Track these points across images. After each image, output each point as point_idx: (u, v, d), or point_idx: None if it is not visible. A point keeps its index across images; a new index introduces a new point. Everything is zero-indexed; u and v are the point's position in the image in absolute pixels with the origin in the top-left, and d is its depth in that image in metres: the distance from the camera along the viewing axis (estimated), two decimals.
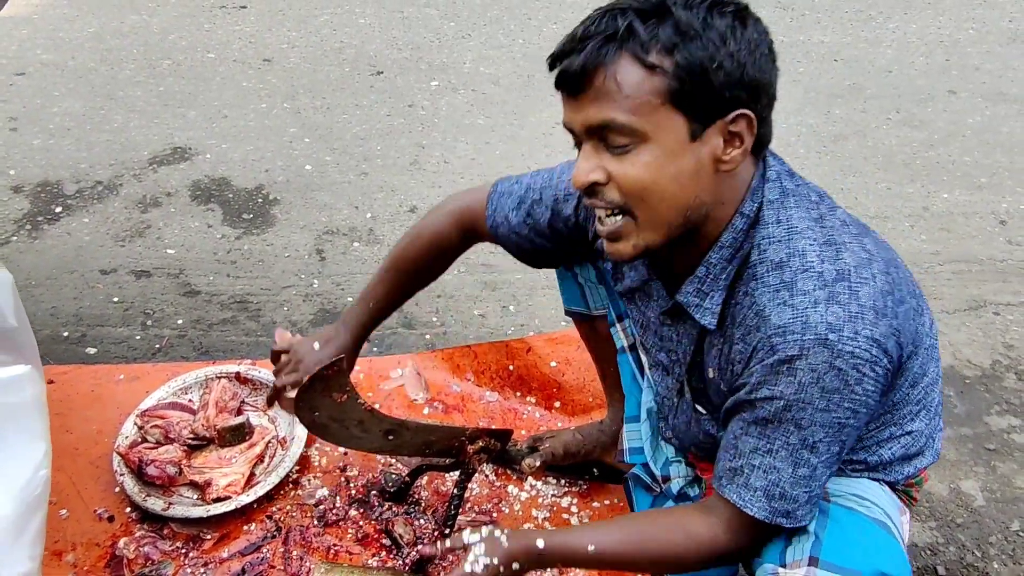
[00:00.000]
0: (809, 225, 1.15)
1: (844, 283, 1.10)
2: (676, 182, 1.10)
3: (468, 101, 3.67)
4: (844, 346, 1.07)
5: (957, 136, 3.60)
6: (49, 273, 2.59)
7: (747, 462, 1.18)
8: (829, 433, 1.13)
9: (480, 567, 1.25)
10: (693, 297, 1.22)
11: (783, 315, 1.10)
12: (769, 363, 1.12)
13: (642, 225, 1.14)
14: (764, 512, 1.18)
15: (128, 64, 3.83)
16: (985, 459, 2.12)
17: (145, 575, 1.78)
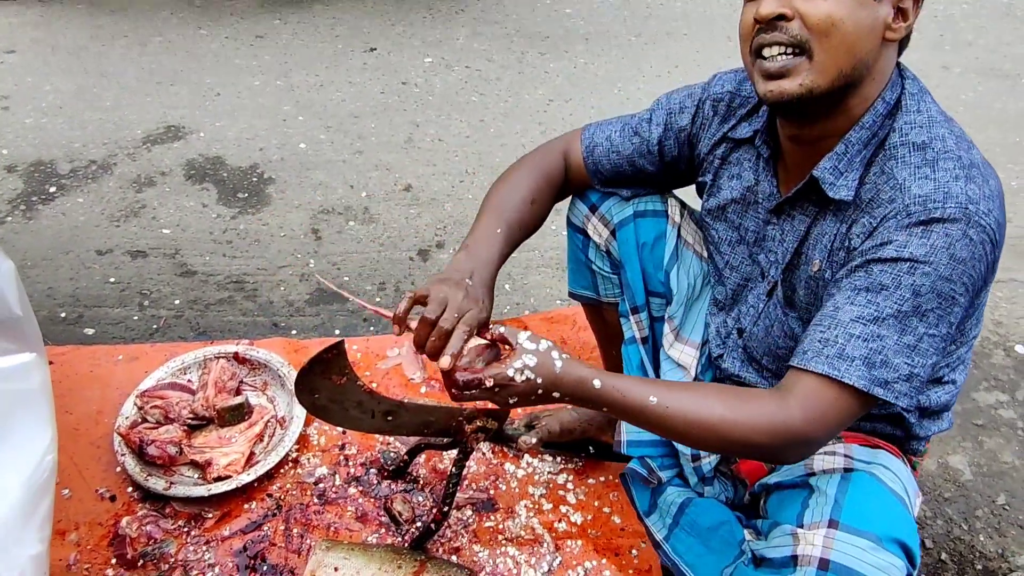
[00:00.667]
0: (946, 119, 1.22)
1: (978, 170, 1.16)
2: (858, 28, 1.17)
3: (462, 78, 3.66)
4: (980, 219, 1.12)
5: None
6: (45, 254, 2.60)
7: (845, 331, 1.15)
8: (942, 305, 1.13)
9: (522, 377, 1.17)
10: (829, 174, 1.26)
11: (925, 186, 1.14)
12: (904, 224, 1.14)
13: (815, 65, 1.18)
14: (863, 380, 1.13)
15: (119, 41, 3.80)
16: (973, 434, 2.16)
17: (148, 553, 1.81)
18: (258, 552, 1.82)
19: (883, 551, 1.16)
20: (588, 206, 1.65)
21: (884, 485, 1.26)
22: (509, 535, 1.87)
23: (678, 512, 1.55)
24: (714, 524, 1.47)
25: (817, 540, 1.18)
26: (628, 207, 1.60)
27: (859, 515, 1.20)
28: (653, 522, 1.61)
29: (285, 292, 2.51)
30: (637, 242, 1.61)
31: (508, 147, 3.21)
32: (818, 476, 1.29)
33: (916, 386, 1.15)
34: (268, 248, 2.67)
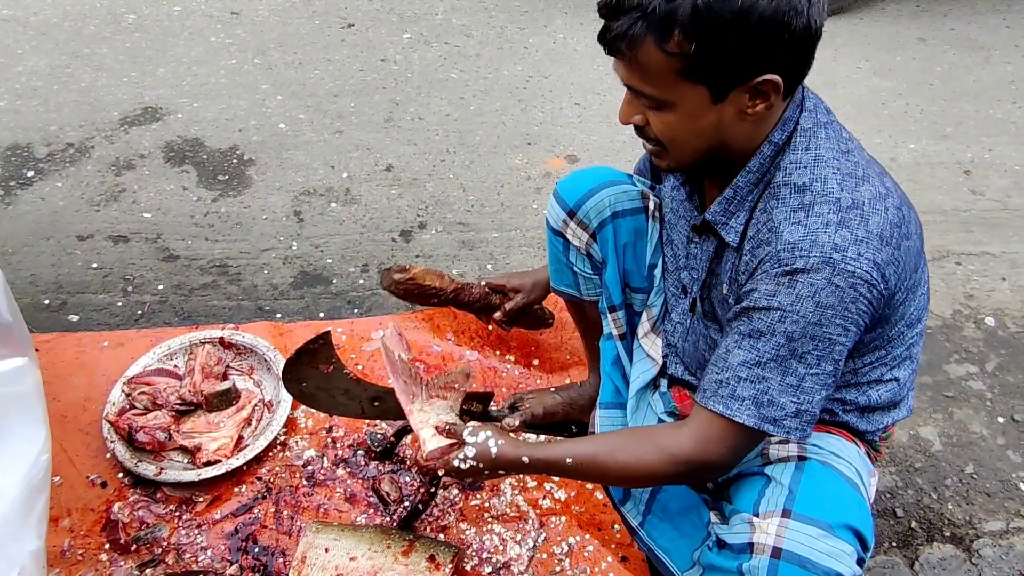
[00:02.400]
0: (836, 156, 1.22)
1: (857, 211, 1.17)
2: (696, 135, 1.23)
3: (441, 55, 3.65)
4: (847, 265, 1.15)
5: (925, 85, 3.65)
6: (25, 240, 2.59)
7: (734, 373, 1.22)
8: (818, 347, 1.18)
9: (466, 465, 1.41)
10: (720, 216, 1.31)
11: (795, 233, 1.18)
12: (772, 274, 1.19)
13: (673, 156, 1.29)
14: (753, 419, 1.21)
15: (92, 19, 3.74)
16: (943, 406, 2.23)
17: (140, 538, 1.84)
18: (249, 534, 1.86)
19: (834, 538, 1.22)
20: (566, 211, 1.67)
21: (837, 472, 1.32)
22: (495, 513, 1.92)
23: (650, 499, 1.61)
24: (683, 509, 1.54)
25: (771, 529, 1.25)
26: (606, 208, 1.62)
27: (811, 504, 1.26)
28: (628, 510, 1.67)
29: (269, 275, 2.52)
30: (617, 243, 1.64)
31: (488, 124, 3.22)
32: (774, 465, 1.36)
33: (807, 420, 1.23)
34: (250, 231, 2.67)
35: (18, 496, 1.11)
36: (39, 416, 1.20)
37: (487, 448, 1.40)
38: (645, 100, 1.21)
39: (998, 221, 2.88)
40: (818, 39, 1.18)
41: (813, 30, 1.14)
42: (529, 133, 3.16)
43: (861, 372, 1.37)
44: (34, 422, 1.18)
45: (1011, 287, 2.60)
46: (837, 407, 1.40)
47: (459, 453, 1.41)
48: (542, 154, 3.04)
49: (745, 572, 1.24)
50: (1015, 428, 2.17)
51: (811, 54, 1.19)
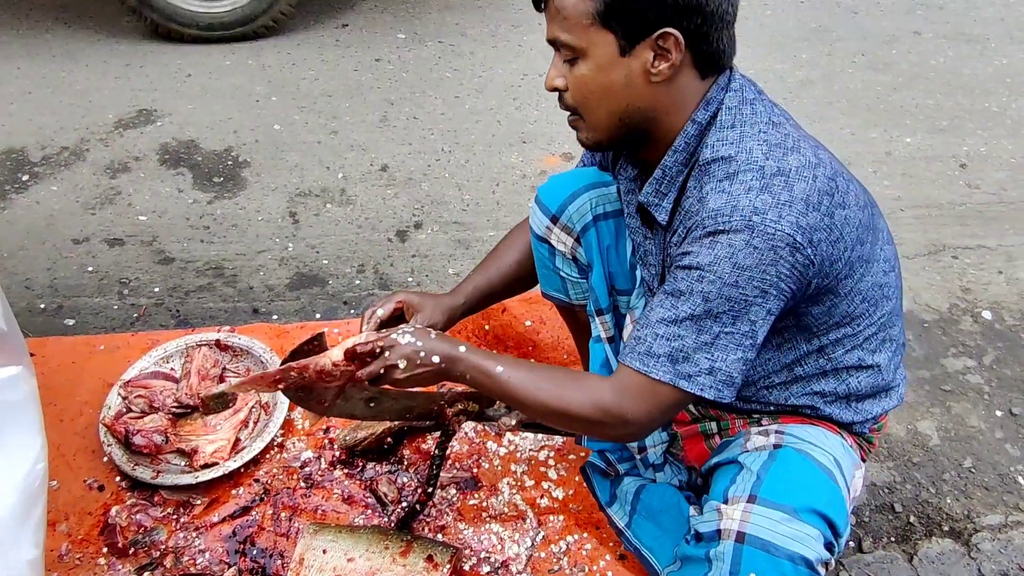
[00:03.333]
0: (762, 129, 1.25)
1: (781, 177, 1.20)
2: (607, 92, 1.27)
3: (435, 53, 3.64)
4: (766, 227, 1.17)
5: (920, 78, 3.64)
6: (21, 244, 2.58)
7: (652, 330, 1.25)
8: (734, 307, 1.20)
9: (404, 340, 1.36)
10: (653, 197, 1.34)
11: (718, 200, 1.21)
12: (697, 236, 1.22)
13: (588, 124, 1.32)
14: (668, 375, 1.23)
15: (85, 21, 3.74)
16: (941, 400, 2.23)
17: (138, 541, 1.84)
18: (247, 536, 1.86)
19: (798, 521, 1.23)
20: (549, 217, 1.67)
21: (810, 459, 1.33)
22: (493, 512, 1.92)
23: (634, 499, 1.62)
24: (665, 507, 1.55)
25: (736, 514, 1.26)
26: (588, 212, 1.63)
27: (777, 489, 1.27)
28: (615, 511, 1.68)
29: (264, 277, 2.52)
30: (600, 246, 1.64)
31: (483, 123, 3.21)
32: (748, 453, 1.36)
33: (722, 380, 1.23)
34: (246, 233, 2.67)
35: (14, 505, 1.11)
36: (35, 424, 1.20)
37: (426, 332, 1.38)
38: (564, 52, 1.26)
39: (994, 214, 2.88)
40: (726, 16, 1.23)
41: (714, 7, 1.21)
42: (524, 131, 3.16)
43: (834, 357, 1.37)
44: (30, 430, 1.18)
45: (1007, 280, 2.60)
46: (818, 400, 1.41)
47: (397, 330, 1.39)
48: (537, 152, 3.04)
49: (712, 558, 1.26)
50: (1013, 422, 2.17)
51: (719, 28, 1.24)
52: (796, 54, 3.77)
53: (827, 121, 3.34)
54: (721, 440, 1.50)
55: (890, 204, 2.90)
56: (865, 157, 3.15)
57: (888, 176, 3.05)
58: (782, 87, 3.54)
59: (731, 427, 1.49)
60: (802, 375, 1.39)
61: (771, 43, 3.85)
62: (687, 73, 1.26)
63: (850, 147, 3.19)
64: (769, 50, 3.79)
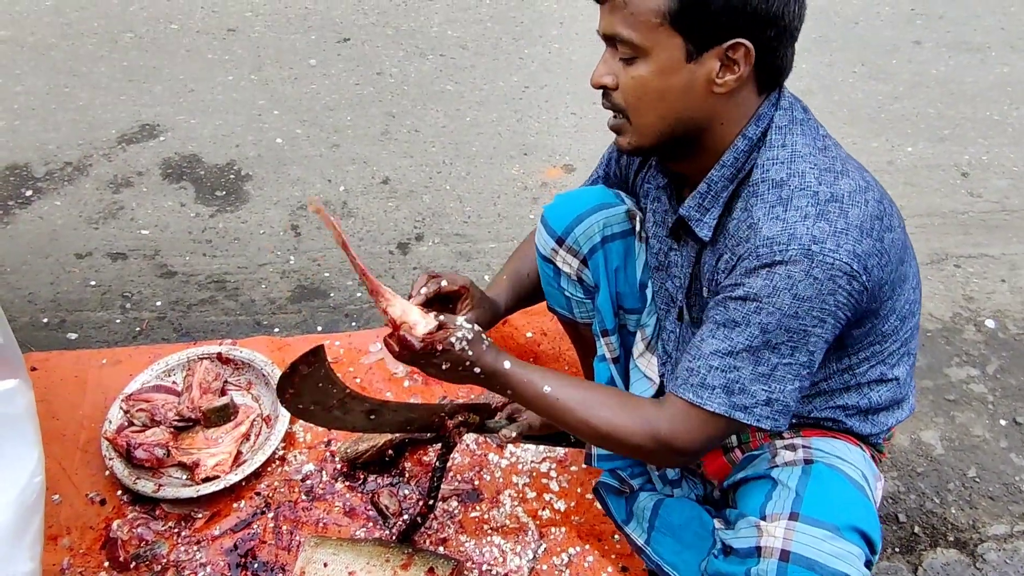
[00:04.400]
0: (812, 152, 1.22)
1: (836, 204, 1.17)
2: (663, 98, 1.22)
3: (436, 67, 3.66)
4: (825, 257, 1.14)
5: (921, 87, 3.65)
6: (24, 259, 2.59)
7: (706, 363, 1.22)
8: (793, 338, 1.18)
9: (460, 345, 1.31)
10: (695, 211, 1.31)
11: (773, 227, 1.18)
12: (751, 267, 1.19)
13: (635, 128, 1.27)
14: (723, 407, 1.21)
15: (89, 38, 3.76)
16: (945, 409, 2.22)
17: (140, 555, 1.84)
18: (249, 550, 1.86)
19: (842, 540, 1.21)
20: (555, 239, 1.66)
21: (844, 475, 1.31)
22: (494, 524, 1.91)
23: (652, 515, 1.60)
24: (685, 520, 1.53)
25: (778, 532, 1.23)
26: (595, 234, 1.61)
27: (818, 506, 1.25)
28: (632, 529, 1.66)
29: (266, 290, 2.52)
30: (608, 268, 1.63)
31: (484, 136, 3.22)
32: (780, 468, 1.34)
33: (779, 410, 1.22)
34: (248, 246, 2.67)
35: (11, 518, 1.11)
36: (31, 438, 1.20)
37: (480, 339, 1.33)
38: (622, 49, 1.21)
39: (997, 223, 2.87)
40: (795, 30, 1.22)
41: (792, 15, 1.19)
42: (525, 143, 3.17)
43: (859, 372, 1.36)
44: (26, 444, 1.18)
45: (1011, 289, 2.59)
46: (840, 414, 1.40)
47: (456, 332, 1.31)
48: (539, 164, 3.05)
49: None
50: (1018, 431, 2.16)
51: (787, 41, 1.22)
52: (796, 64, 3.75)
53: (829, 131, 3.34)
54: (743, 454, 1.48)
55: None
56: (867, 166, 3.11)
57: (890, 186, 3.04)
58: None
59: (752, 440, 1.48)
60: (826, 390, 1.38)
61: None
62: (748, 87, 1.23)
63: None
64: None
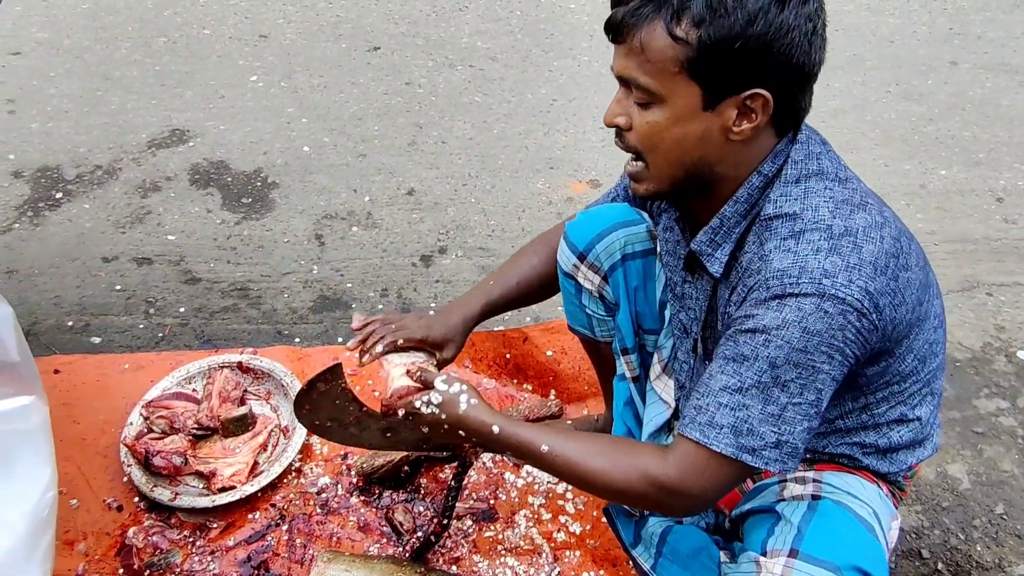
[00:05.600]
0: (828, 185, 1.20)
1: (850, 238, 1.15)
2: (679, 144, 1.20)
3: (465, 78, 3.66)
4: (837, 291, 1.12)
5: (957, 109, 3.58)
6: (51, 261, 2.62)
7: (715, 399, 1.19)
8: (802, 375, 1.15)
9: (427, 410, 1.33)
10: (706, 247, 1.29)
11: (784, 260, 1.16)
12: (761, 298, 1.16)
13: (652, 173, 1.25)
14: (731, 448, 1.18)
15: (123, 42, 3.81)
16: (972, 442, 2.16)
17: (154, 564, 1.84)
18: (262, 562, 1.85)
19: None
20: (576, 255, 1.65)
21: (851, 513, 1.28)
22: (508, 545, 1.89)
23: (660, 541, 1.58)
24: (693, 550, 1.51)
25: (777, 569, 1.21)
26: (616, 252, 1.60)
27: (819, 544, 1.22)
28: (639, 553, 1.64)
29: (289, 299, 2.53)
30: (628, 286, 1.61)
31: (511, 148, 3.22)
32: (786, 503, 1.32)
33: (788, 452, 1.19)
34: (272, 254, 2.69)
35: (23, 532, 1.12)
36: (45, 453, 1.21)
37: (456, 401, 1.32)
38: (637, 94, 1.19)
39: None
40: (814, 75, 1.19)
41: (812, 62, 1.16)
42: (552, 157, 3.15)
43: (877, 412, 1.33)
44: (40, 460, 1.19)
45: None
46: (857, 451, 1.37)
47: (424, 396, 1.33)
48: (564, 179, 3.03)
49: None
50: None
51: (806, 87, 1.19)
52: (828, 83, 3.73)
53: (860, 152, 3.29)
54: (753, 484, 1.46)
55: (923, 238, 2.84)
56: (898, 189, 3.09)
57: (922, 209, 3.00)
58: (813, 117, 3.44)
59: (764, 471, 1.45)
60: (842, 428, 1.35)
61: None
62: (766, 131, 1.21)
63: (883, 179, 3.14)
64: None
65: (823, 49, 1.18)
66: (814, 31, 1.14)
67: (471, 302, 1.63)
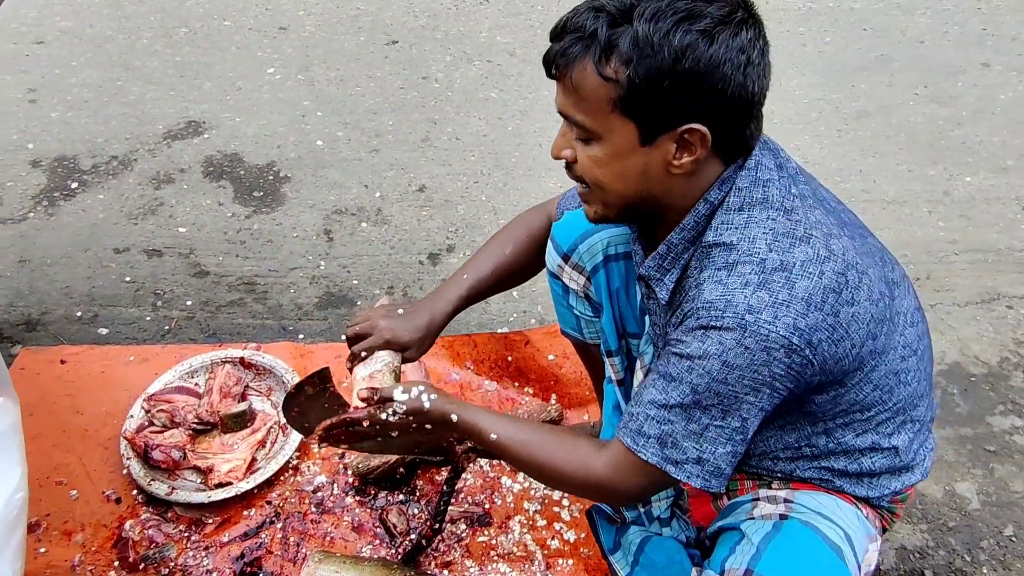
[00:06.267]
0: (771, 215, 1.18)
1: (783, 273, 1.14)
2: (621, 178, 1.20)
3: (482, 73, 3.63)
4: (760, 328, 1.12)
5: (986, 113, 3.49)
6: (64, 251, 2.65)
7: (644, 410, 1.23)
8: (723, 402, 1.17)
9: (395, 418, 1.37)
10: (655, 271, 1.30)
11: (714, 291, 1.16)
12: (691, 327, 1.18)
13: (599, 198, 1.26)
14: (656, 457, 1.22)
15: (145, 32, 3.84)
16: (984, 461, 2.11)
17: (149, 557, 1.85)
18: (255, 559, 1.86)
19: None
20: (561, 255, 1.63)
21: (817, 534, 1.26)
22: (501, 551, 1.88)
23: (638, 550, 1.58)
24: (668, 562, 1.51)
25: None
26: (599, 252, 1.58)
27: (777, 564, 1.22)
28: (617, 559, 1.64)
29: (295, 295, 2.53)
30: (610, 288, 1.59)
31: (525, 147, 3.19)
32: (752, 521, 1.31)
33: (710, 471, 1.21)
34: (280, 249, 2.69)
35: None
36: (15, 455, 1.22)
37: (419, 402, 1.37)
38: (576, 130, 1.20)
39: None
40: (756, 104, 1.17)
41: (750, 91, 1.14)
42: None
43: (843, 440, 1.31)
44: (10, 460, 1.20)
45: None
46: (828, 475, 1.34)
47: (388, 410, 1.38)
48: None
49: None
50: None
51: (748, 116, 1.17)
52: (854, 84, 3.65)
53: (883, 156, 3.22)
54: (728, 500, 1.44)
55: (943, 247, 2.77)
56: (921, 196, 3.02)
57: (944, 217, 2.92)
58: (837, 118, 3.43)
59: (740, 488, 1.43)
60: (809, 454, 1.33)
61: (828, 71, 3.73)
62: (710, 161, 1.20)
63: (906, 184, 3.07)
64: (825, 79, 3.68)
65: (764, 77, 1.16)
66: (748, 62, 1.12)
67: (442, 299, 1.61)
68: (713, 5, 1.11)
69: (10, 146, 3.09)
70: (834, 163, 3.17)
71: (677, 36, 1.09)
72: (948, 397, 2.26)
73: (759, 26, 1.16)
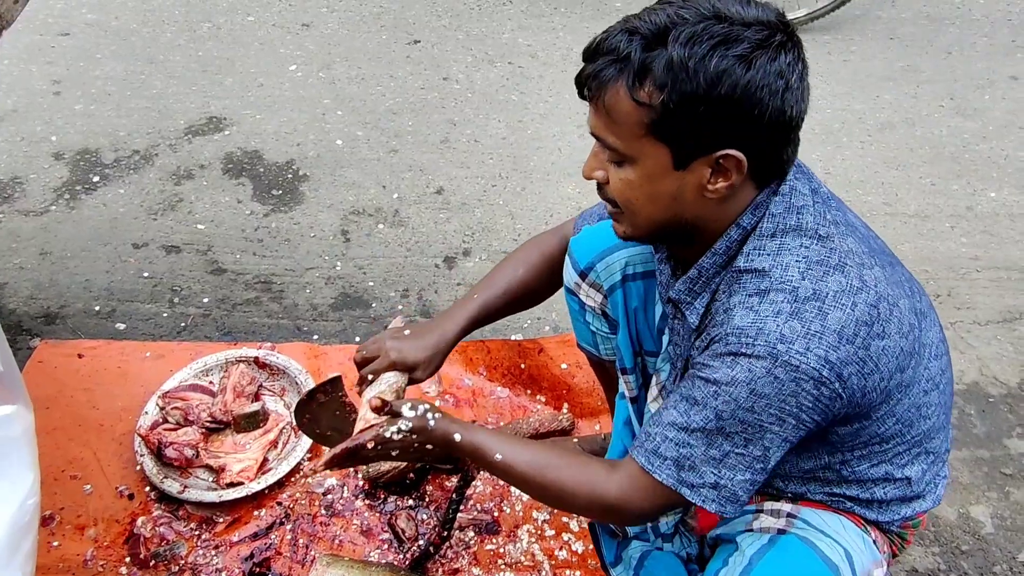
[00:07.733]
0: (804, 243, 1.16)
1: (815, 303, 1.12)
2: (652, 201, 1.19)
3: (503, 75, 3.62)
4: (790, 359, 1.10)
5: (1013, 128, 3.44)
6: (84, 245, 2.67)
7: (663, 432, 1.21)
8: (747, 431, 1.15)
9: (399, 436, 1.36)
10: (685, 295, 1.28)
11: (745, 318, 1.14)
12: (718, 352, 1.16)
13: (628, 219, 1.25)
14: (671, 479, 1.20)
15: (169, 26, 3.86)
16: (999, 484, 2.08)
17: (160, 554, 1.87)
18: (264, 560, 1.87)
19: None
20: (578, 272, 1.63)
21: (814, 551, 1.24)
22: (509, 560, 1.88)
23: (638, 565, 1.58)
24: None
25: None
26: (616, 272, 1.57)
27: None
28: (617, 572, 1.64)
29: (310, 295, 2.54)
30: (628, 307, 1.59)
31: (544, 150, 3.18)
32: (750, 533, 1.30)
33: (726, 496, 1.19)
34: (297, 248, 2.70)
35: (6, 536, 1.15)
36: (28, 461, 1.24)
37: (424, 420, 1.36)
38: (609, 153, 1.18)
39: None
40: (794, 127, 1.15)
41: (788, 116, 1.12)
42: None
43: (858, 469, 1.29)
44: (23, 466, 1.22)
45: None
46: (837, 500, 1.33)
47: (394, 426, 1.36)
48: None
49: None
50: None
51: (785, 141, 1.16)
52: (879, 94, 3.61)
53: (906, 169, 3.18)
54: None
55: (966, 263, 2.74)
56: (943, 211, 2.98)
57: (967, 233, 2.88)
58: (860, 129, 3.39)
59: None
60: (822, 478, 1.32)
61: (852, 81, 3.69)
62: (745, 185, 1.18)
63: (928, 199, 3.03)
64: (850, 89, 3.64)
65: (803, 100, 1.14)
66: (787, 87, 1.10)
67: (451, 320, 1.59)
68: (751, 28, 1.09)
69: (35, 138, 3.12)
70: (856, 175, 3.14)
71: (713, 61, 1.07)
72: (965, 418, 2.23)
73: (798, 48, 1.14)
